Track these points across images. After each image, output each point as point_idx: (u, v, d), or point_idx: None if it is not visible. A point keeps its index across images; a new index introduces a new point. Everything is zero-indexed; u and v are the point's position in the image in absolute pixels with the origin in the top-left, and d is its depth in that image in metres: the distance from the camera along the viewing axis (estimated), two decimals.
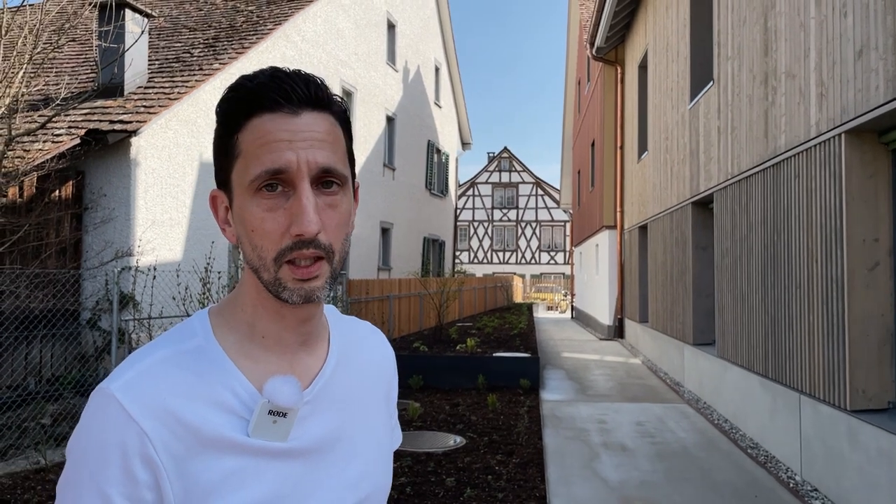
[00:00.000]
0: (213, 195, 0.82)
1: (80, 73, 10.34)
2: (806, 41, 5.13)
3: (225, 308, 0.83)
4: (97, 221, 7.96)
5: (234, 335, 0.80)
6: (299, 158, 0.74)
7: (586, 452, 5.79)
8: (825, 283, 4.75)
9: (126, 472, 0.70)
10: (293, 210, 0.74)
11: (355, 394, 0.89)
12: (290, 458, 0.78)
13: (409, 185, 19.58)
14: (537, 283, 44.77)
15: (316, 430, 0.81)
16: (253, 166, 0.74)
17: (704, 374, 8.05)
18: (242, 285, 0.82)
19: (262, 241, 0.75)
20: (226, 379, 0.77)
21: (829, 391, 4.68)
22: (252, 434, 0.76)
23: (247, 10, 12.95)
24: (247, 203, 0.75)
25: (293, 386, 0.78)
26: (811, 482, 4.98)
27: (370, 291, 11.45)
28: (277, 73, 0.77)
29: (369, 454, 0.87)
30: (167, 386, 0.74)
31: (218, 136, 0.79)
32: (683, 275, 9.16)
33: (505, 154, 47.33)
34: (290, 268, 0.75)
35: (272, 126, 0.74)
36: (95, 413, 0.73)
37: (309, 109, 0.76)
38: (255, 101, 0.75)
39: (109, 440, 0.70)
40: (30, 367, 7.09)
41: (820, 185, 4.85)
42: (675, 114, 9.73)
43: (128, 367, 0.75)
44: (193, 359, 0.77)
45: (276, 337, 0.81)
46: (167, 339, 0.79)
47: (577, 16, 20.88)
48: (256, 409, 0.76)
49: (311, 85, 0.77)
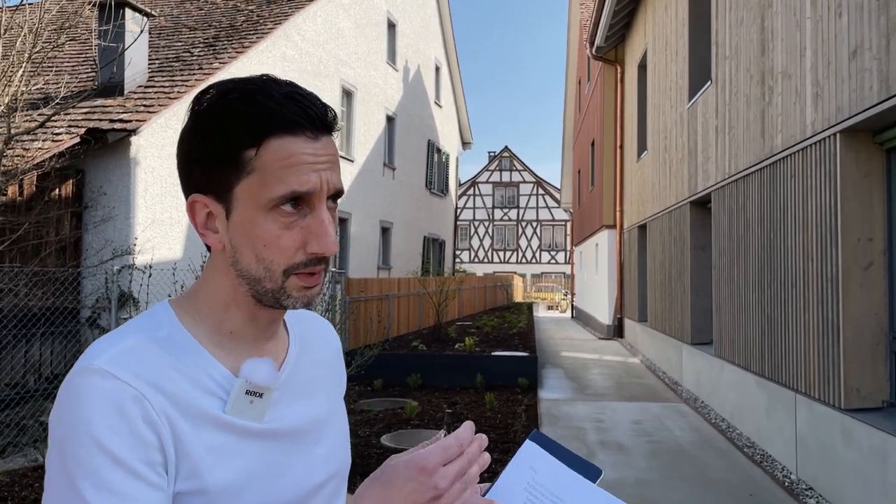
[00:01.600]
0: (193, 201, 0.80)
1: (80, 72, 10.36)
2: (802, 41, 5.14)
3: (186, 302, 0.83)
4: (97, 220, 7.99)
5: (200, 327, 0.81)
6: (322, 180, 0.77)
7: (583, 451, 5.80)
8: (820, 283, 4.77)
9: (137, 436, 0.69)
10: (313, 229, 0.77)
11: (316, 379, 0.92)
12: (267, 439, 0.80)
13: (409, 184, 19.59)
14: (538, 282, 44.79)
15: (288, 414, 0.84)
16: (274, 185, 0.75)
17: (702, 373, 8.06)
18: (212, 285, 0.83)
19: (273, 255, 0.77)
20: (201, 363, 0.79)
21: (823, 390, 4.70)
22: (229, 413, 0.78)
23: (247, 10, 12.97)
24: (260, 218, 0.76)
25: (269, 366, 0.81)
26: (806, 480, 4.99)
27: (369, 290, 11.46)
28: (295, 93, 0.77)
29: (334, 435, 0.91)
30: (148, 364, 0.74)
31: (214, 144, 0.76)
32: (682, 274, 9.17)
33: (506, 153, 47.35)
34: (299, 277, 0.78)
35: (296, 149, 0.76)
36: (84, 387, 0.70)
37: (325, 133, 0.79)
38: (281, 122, 0.75)
39: (111, 409, 0.69)
40: (29, 364, 7.11)
41: (815, 184, 4.87)
42: (673, 113, 9.74)
43: (104, 347, 0.75)
44: (167, 345, 0.78)
45: (244, 334, 0.83)
46: (135, 327, 0.79)
47: (578, 15, 20.89)
48: (234, 388, 0.78)
49: (329, 111, 0.80)
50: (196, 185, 0.80)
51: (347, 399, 7.65)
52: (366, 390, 8.46)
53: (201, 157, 0.78)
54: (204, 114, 0.77)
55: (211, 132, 0.77)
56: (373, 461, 5.35)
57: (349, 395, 8.04)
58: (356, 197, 15.49)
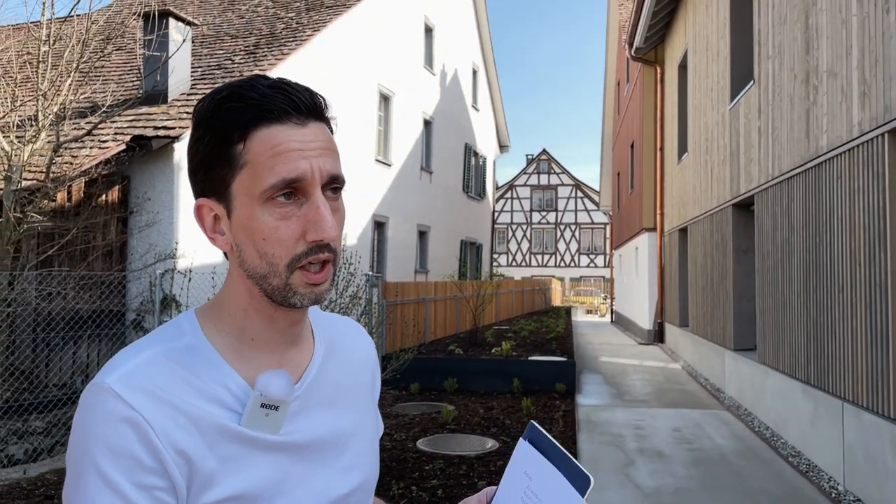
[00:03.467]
0: (200, 205, 0.81)
1: (126, 80, 10.65)
2: (848, 39, 4.99)
3: (210, 311, 0.84)
4: (141, 225, 8.19)
5: (222, 336, 0.82)
6: (312, 167, 0.76)
7: (621, 458, 5.72)
8: (868, 287, 4.61)
9: (134, 460, 0.70)
10: (309, 217, 0.76)
11: (343, 387, 0.91)
12: (283, 451, 0.80)
13: (446, 187, 19.62)
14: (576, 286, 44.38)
15: (308, 426, 0.83)
16: (265, 176, 0.75)
17: (745, 379, 7.88)
18: (230, 291, 0.83)
19: (274, 248, 0.76)
20: (218, 375, 0.79)
21: (872, 398, 4.54)
22: (245, 426, 0.77)
23: (287, 17, 13.17)
24: (256, 212, 0.76)
25: (284, 379, 0.80)
26: (854, 492, 4.83)
27: (406, 294, 11.50)
28: (280, 83, 0.78)
29: (358, 446, 0.89)
30: (162, 378, 0.75)
31: (210, 145, 0.78)
32: (724, 278, 8.98)
33: (544, 156, 47.06)
34: (303, 273, 0.77)
35: (283, 136, 0.76)
36: (93, 407, 0.72)
37: (313, 119, 0.79)
38: (264, 111, 0.76)
39: (111, 431, 0.71)
40: (77, 366, 7.33)
41: (863, 185, 4.71)
42: (715, 114, 9.55)
43: (120, 362, 0.76)
44: (186, 355, 0.78)
45: (266, 339, 0.83)
46: (157, 338, 0.80)
47: (616, 16, 20.67)
48: (249, 401, 0.78)
49: (314, 96, 0.79)
50: (201, 190, 0.81)
51: (383, 403, 7.70)
52: (402, 394, 8.48)
53: (201, 160, 0.79)
54: (199, 118, 0.79)
55: (205, 134, 0.78)
56: (409, 465, 5.36)
57: (385, 398, 8.07)
58: (393, 200, 15.57)
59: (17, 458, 5.47)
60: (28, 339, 6.81)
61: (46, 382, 6.88)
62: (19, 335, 6.67)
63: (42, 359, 7.00)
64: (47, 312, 6.79)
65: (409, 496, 4.64)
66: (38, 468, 5.33)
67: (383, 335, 9.73)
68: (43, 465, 5.43)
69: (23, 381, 6.30)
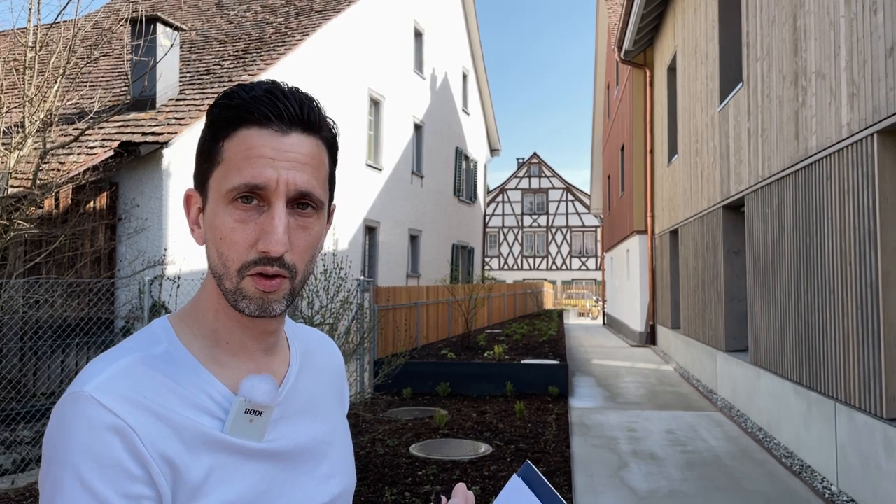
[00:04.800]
0: (189, 194, 0.82)
1: (114, 86, 10.58)
2: (836, 40, 5.01)
3: (186, 315, 0.82)
4: (130, 231, 8.12)
5: (198, 341, 0.80)
6: (279, 178, 0.75)
7: (615, 461, 5.70)
8: (859, 287, 4.62)
9: (120, 469, 0.67)
10: (264, 226, 0.75)
11: (317, 396, 0.90)
12: (267, 459, 0.79)
13: (437, 192, 19.61)
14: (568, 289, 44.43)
15: (289, 433, 0.82)
16: (233, 176, 0.75)
17: (737, 381, 7.89)
18: (205, 291, 0.82)
19: (228, 250, 0.75)
20: (199, 381, 0.77)
21: (864, 399, 4.55)
22: (228, 432, 0.76)
23: (276, 22, 13.14)
24: (220, 210, 0.76)
25: (269, 383, 0.79)
26: (847, 492, 4.83)
27: (397, 299, 11.46)
28: (274, 89, 0.77)
29: (335, 454, 0.89)
30: (142, 386, 0.73)
31: (204, 139, 0.79)
32: (715, 280, 9.00)
33: (534, 159, 47.15)
34: (254, 279, 0.75)
35: (259, 140, 0.75)
36: (73, 416, 0.69)
37: (298, 131, 0.77)
38: (247, 113, 0.76)
39: (95, 439, 0.67)
40: (65, 374, 7.25)
41: (852, 186, 4.73)
42: (704, 116, 9.59)
43: (96, 371, 0.73)
44: (163, 363, 0.76)
45: (240, 343, 0.81)
46: (132, 346, 0.78)
47: (605, 20, 20.74)
48: (233, 407, 0.77)
49: (304, 106, 0.78)
50: (194, 181, 0.82)
51: (376, 408, 7.67)
52: (394, 399, 8.44)
53: (198, 152, 0.81)
54: (206, 114, 0.81)
55: (204, 128, 0.80)
56: (402, 471, 5.32)
57: (377, 403, 8.03)
58: (384, 205, 15.54)
59: (4, 468, 5.39)
60: (15, 347, 6.73)
61: (34, 391, 6.80)
62: (6, 343, 6.59)
63: (30, 367, 6.92)
64: (35, 320, 6.71)
65: (403, 502, 4.60)
66: (27, 478, 5.26)
67: (375, 340, 9.69)
68: (31, 475, 5.36)
69: (10, 390, 6.22)
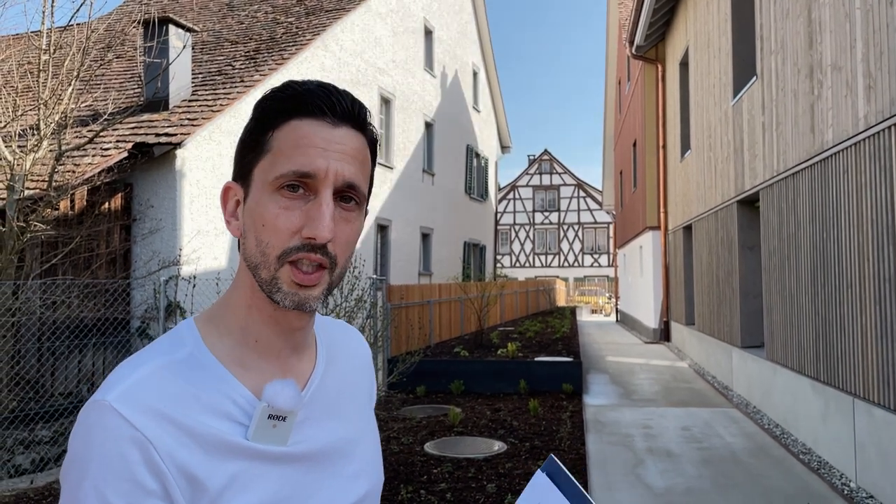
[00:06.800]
0: (227, 187, 0.83)
1: (127, 88, 10.65)
2: (852, 32, 4.95)
3: (214, 313, 0.82)
4: (145, 232, 8.18)
5: (225, 341, 0.80)
6: (329, 167, 0.76)
7: (630, 458, 5.68)
8: (877, 282, 4.57)
9: (134, 482, 0.68)
10: (310, 213, 0.75)
11: (345, 394, 0.89)
12: (291, 463, 0.78)
13: (448, 190, 19.60)
14: (581, 286, 44.31)
15: (314, 435, 0.82)
16: (282, 164, 0.76)
17: (753, 377, 7.83)
18: (236, 287, 0.82)
19: (270, 236, 0.75)
20: (222, 386, 0.77)
21: (883, 393, 4.50)
22: (252, 439, 0.75)
23: (286, 22, 13.17)
24: (265, 198, 0.76)
25: (292, 389, 0.78)
26: (866, 488, 4.78)
27: (410, 297, 11.48)
28: (326, 84, 0.80)
29: (364, 453, 0.88)
30: (164, 394, 0.73)
31: (250, 130, 0.80)
32: (730, 275, 8.94)
33: (545, 156, 47.02)
34: (292, 269, 0.75)
35: (310, 131, 0.76)
36: (93, 426, 0.70)
37: (348, 126, 0.79)
38: (301, 104, 0.77)
39: (112, 451, 0.68)
40: (82, 374, 7.31)
41: (869, 180, 4.68)
42: (717, 111, 9.52)
43: (120, 378, 0.73)
44: (187, 368, 0.76)
45: (268, 341, 0.81)
46: (156, 350, 0.78)
47: (617, 15, 20.64)
48: (256, 413, 0.76)
49: (356, 104, 0.80)
50: (234, 174, 0.83)
51: (390, 406, 7.69)
52: (408, 397, 8.45)
53: (241, 144, 0.81)
54: (253, 107, 0.82)
55: (251, 120, 0.80)
56: (417, 469, 5.33)
57: (391, 402, 8.04)
58: (396, 203, 15.55)
59: (23, 467, 5.45)
60: (33, 348, 6.80)
61: (52, 391, 6.87)
62: (24, 344, 6.66)
63: (47, 368, 6.99)
64: (52, 321, 6.77)
65: (419, 500, 4.61)
66: (45, 478, 5.31)
67: (388, 338, 9.70)
68: (50, 474, 5.41)
69: (28, 390, 6.29)
